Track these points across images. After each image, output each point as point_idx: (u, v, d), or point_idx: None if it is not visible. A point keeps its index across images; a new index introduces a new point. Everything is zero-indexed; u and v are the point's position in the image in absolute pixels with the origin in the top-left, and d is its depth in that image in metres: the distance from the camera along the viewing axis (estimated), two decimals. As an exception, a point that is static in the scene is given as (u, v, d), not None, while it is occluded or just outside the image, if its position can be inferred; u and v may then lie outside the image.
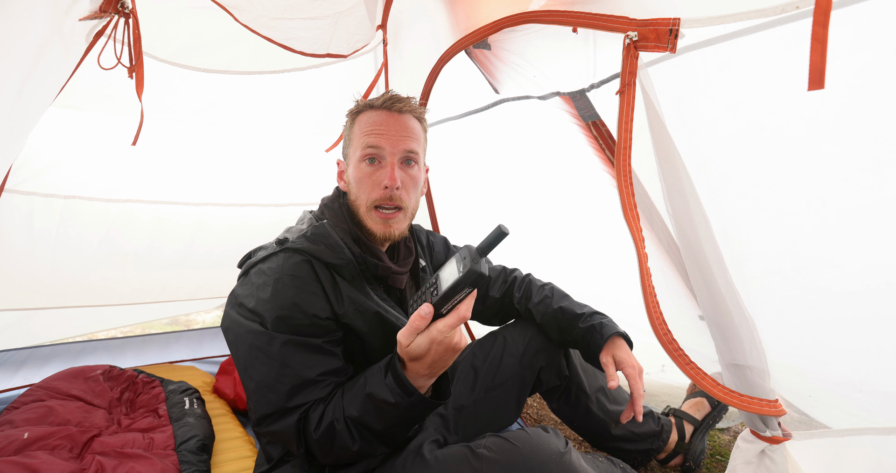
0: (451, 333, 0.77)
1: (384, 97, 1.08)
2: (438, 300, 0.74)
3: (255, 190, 2.26)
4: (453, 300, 0.74)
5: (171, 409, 1.60)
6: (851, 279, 0.91)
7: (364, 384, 0.88)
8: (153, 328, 2.86)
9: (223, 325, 1.02)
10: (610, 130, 1.58)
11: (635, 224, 1.02)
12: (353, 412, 0.87)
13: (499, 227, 0.69)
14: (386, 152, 1.04)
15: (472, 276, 0.70)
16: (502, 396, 1.29)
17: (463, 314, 0.75)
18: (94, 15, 1.01)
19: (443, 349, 0.78)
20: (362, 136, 1.06)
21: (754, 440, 1.01)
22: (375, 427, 0.87)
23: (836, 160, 0.85)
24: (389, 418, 0.86)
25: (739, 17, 0.83)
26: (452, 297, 0.74)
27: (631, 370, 1.15)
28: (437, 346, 0.78)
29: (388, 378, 0.84)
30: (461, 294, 0.74)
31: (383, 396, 0.84)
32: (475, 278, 0.70)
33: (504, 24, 1.33)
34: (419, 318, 0.76)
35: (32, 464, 1.18)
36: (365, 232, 1.08)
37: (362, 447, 0.89)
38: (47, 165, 1.79)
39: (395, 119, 1.06)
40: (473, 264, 0.70)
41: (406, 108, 1.09)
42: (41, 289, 1.98)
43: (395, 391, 0.83)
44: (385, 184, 1.02)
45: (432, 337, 0.77)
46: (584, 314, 1.26)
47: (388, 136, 1.04)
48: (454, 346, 0.79)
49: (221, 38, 1.67)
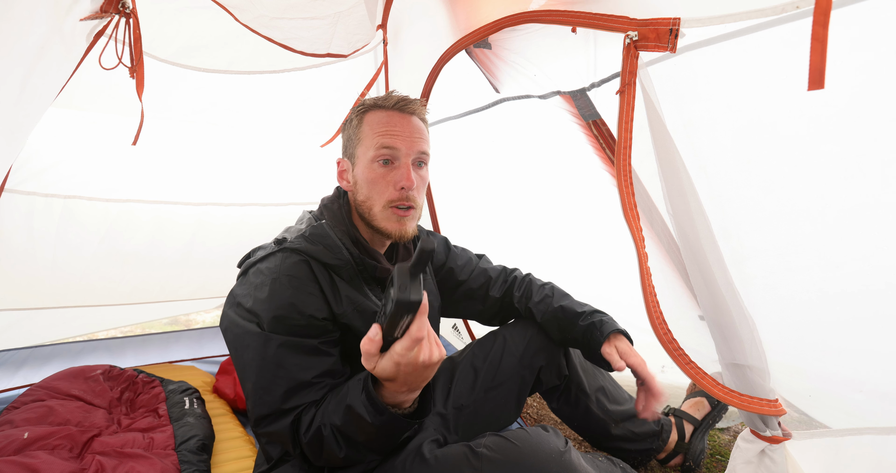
0: (411, 353, 0.72)
1: (395, 98, 1.07)
2: (387, 325, 0.71)
3: (255, 190, 2.26)
4: (401, 326, 0.71)
5: (171, 409, 1.60)
6: (851, 279, 0.91)
7: (346, 395, 0.87)
8: (153, 328, 2.86)
9: (222, 325, 1.02)
10: (610, 129, 1.58)
11: (635, 224, 1.02)
12: (336, 421, 0.86)
13: (421, 243, 0.65)
14: (401, 154, 1.04)
15: (403, 306, 0.66)
16: (502, 395, 1.29)
17: (415, 335, 0.71)
18: (95, 15, 1.01)
19: (411, 369, 0.74)
20: (375, 136, 1.04)
21: (754, 439, 1.01)
22: (357, 438, 0.86)
23: (837, 160, 0.85)
24: (367, 433, 0.85)
25: (739, 17, 0.83)
26: (398, 322, 0.70)
27: (636, 359, 1.16)
28: (403, 367, 0.74)
29: (363, 396, 0.83)
30: (404, 320, 0.70)
31: (360, 411, 0.83)
32: (407, 307, 0.66)
33: (504, 24, 1.33)
34: (368, 341, 0.73)
35: (32, 464, 1.18)
36: (375, 232, 1.07)
37: (349, 454, 0.88)
38: (47, 165, 1.79)
39: (407, 120, 1.06)
40: (401, 294, 0.65)
41: (416, 109, 1.09)
42: (41, 289, 1.98)
43: (368, 408, 0.81)
44: (402, 185, 1.02)
45: (395, 360, 0.73)
46: (585, 313, 1.26)
47: (403, 137, 1.04)
48: (423, 363, 0.74)
49: (221, 38, 1.67)
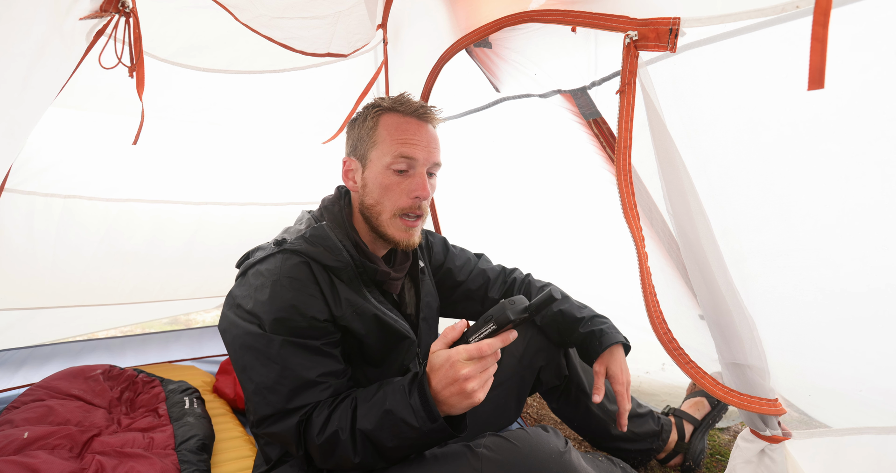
0: (463, 362, 0.78)
1: (413, 103, 1.06)
2: (473, 326, 0.82)
3: (255, 189, 2.26)
4: (480, 332, 0.80)
5: (170, 409, 1.60)
6: (851, 279, 0.91)
7: (383, 400, 0.86)
8: (153, 328, 2.86)
9: (221, 326, 1.01)
10: (611, 127, 1.58)
11: (635, 223, 1.02)
12: (367, 426, 0.86)
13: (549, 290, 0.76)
14: (418, 163, 1.03)
15: (497, 312, 0.78)
16: (502, 396, 1.29)
17: (481, 348, 0.78)
18: (95, 14, 1.01)
19: (451, 376, 0.79)
20: (394, 143, 1.02)
21: (754, 439, 1.01)
22: (387, 444, 0.85)
23: (837, 160, 0.85)
24: (404, 439, 0.84)
25: (739, 17, 0.83)
26: (480, 328, 0.80)
27: (619, 387, 1.18)
28: (449, 368, 0.79)
29: (414, 399, 0.83)
30: (486, 328, 0.79)
31: (402, 416, 0.83)
32: (501, 319, 0.77)
33: (504, 23, 1.33)
34: (451, 328, 0.82)
35: (32, 464, 1.18)
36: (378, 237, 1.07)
37: (364, 460, 0.87)
38: (47, 164, 1.79)
39: (425, 129, 1.05)
40: (507, 308, 0.77)
41: (433, 118, 1.08)
42: (41, 289, 1.98)
43: (419, 414, 0.82)
44: (417, 194, 1.02)
45: (449, 354, 0.80)
46: (585, 319, 1.25)
47: (421, 147, 1.03)
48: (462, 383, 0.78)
49: (222, 38, 1.67)
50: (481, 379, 0.80)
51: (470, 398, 0.80)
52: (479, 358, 0.78)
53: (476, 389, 0.79)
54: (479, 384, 0.79)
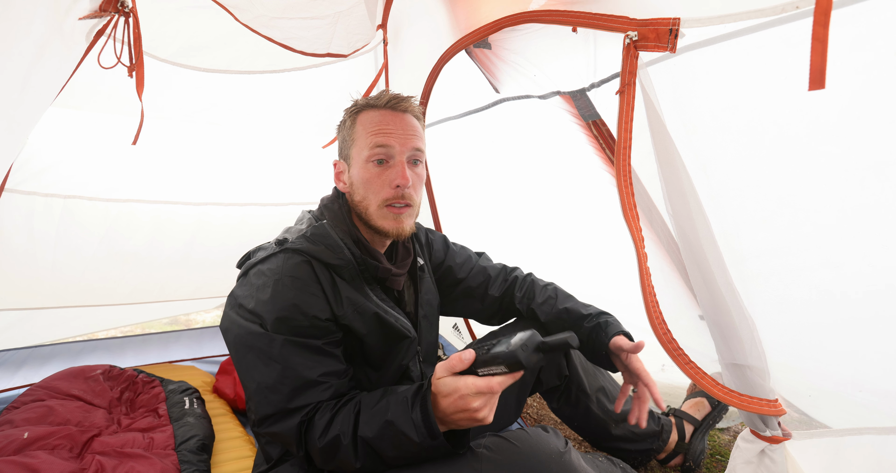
0: (473, 396, 0.78)
1: (387, 97, 1.07)
2: (483, 358, 0.78)
3: (255, 190, 2.26)
4: (491, 368, 0.78)
5: (170, 409, 1.60)
6: (851, 280, 0.91)
7: (386, 409, 0.86)
8: (153, 328, 2.86)
9: (222, 326, 1.02)
10: (610, 129, 1.58)
11: (635, 224, 1.02)
12: (368, 434, 0.86)
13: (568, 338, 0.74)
14: (395, 151, 1.03)
15: (509, 357, 0.75)
16: (502, 396, 1.27)
17: (491, 386, 0.77)
18: (95, 14, 1.01)
19: (461, 406, 0.79)
20: (368, 135, 1.04)
21: (754, 439, 1.02)
22: (388, 453, 0.86)
23: (837, 160, 0.85)
24: (405, 450, 0.85)
25: (739, 17, 0.83)
26: (491, 365, 0.78)
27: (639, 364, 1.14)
28: (458, 399, 0.79)
29: (416, 414, 0.83)
30: (496, 368, 0.77)
31: (403, 429, 0.83)
32: (511, 361, 0.75)
33: (504, 24, 1.33)
34: (458, 359, 0.80)
35: (32, 464, 1.18)
36: (373, 232, 1.07)
37: (366, 465, 0.87)
38: (47, 165, 1.79)
39: (400, 118, 1.06)
40: (518, 350, 0.74)
41: (408, 107, 1.08)
42: (41, 289, 1.98)
43: (420, 430, 0.82)
44: (397, 183, 1.02)
45: (457, 386, 0.79)
46: (591, 315, 1.25)
47: (396, 135, 1.03)
48: (473, 413, 0.79)
49: (221, 38, 1.67)
50: (490, 407, 0.81)
51: (479, 422, 0.81)
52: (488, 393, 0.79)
53: (486, 415, 0.80)
54: (488, 411, 0.81)
